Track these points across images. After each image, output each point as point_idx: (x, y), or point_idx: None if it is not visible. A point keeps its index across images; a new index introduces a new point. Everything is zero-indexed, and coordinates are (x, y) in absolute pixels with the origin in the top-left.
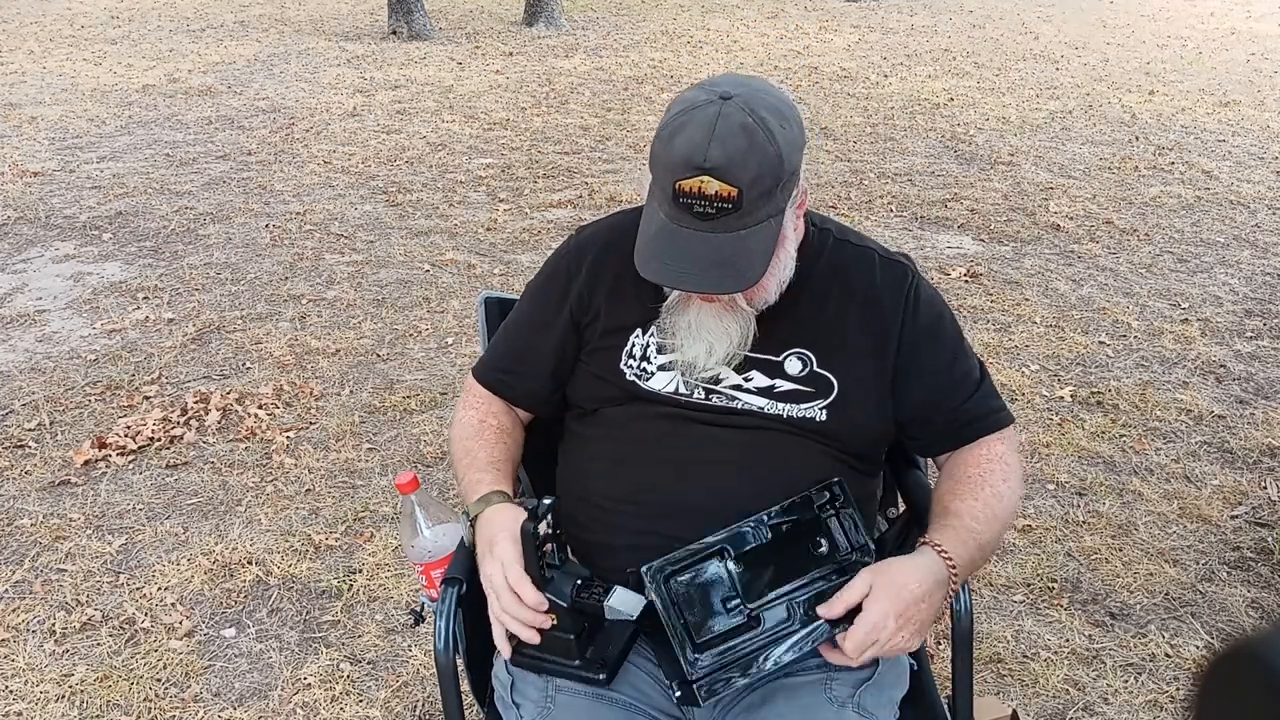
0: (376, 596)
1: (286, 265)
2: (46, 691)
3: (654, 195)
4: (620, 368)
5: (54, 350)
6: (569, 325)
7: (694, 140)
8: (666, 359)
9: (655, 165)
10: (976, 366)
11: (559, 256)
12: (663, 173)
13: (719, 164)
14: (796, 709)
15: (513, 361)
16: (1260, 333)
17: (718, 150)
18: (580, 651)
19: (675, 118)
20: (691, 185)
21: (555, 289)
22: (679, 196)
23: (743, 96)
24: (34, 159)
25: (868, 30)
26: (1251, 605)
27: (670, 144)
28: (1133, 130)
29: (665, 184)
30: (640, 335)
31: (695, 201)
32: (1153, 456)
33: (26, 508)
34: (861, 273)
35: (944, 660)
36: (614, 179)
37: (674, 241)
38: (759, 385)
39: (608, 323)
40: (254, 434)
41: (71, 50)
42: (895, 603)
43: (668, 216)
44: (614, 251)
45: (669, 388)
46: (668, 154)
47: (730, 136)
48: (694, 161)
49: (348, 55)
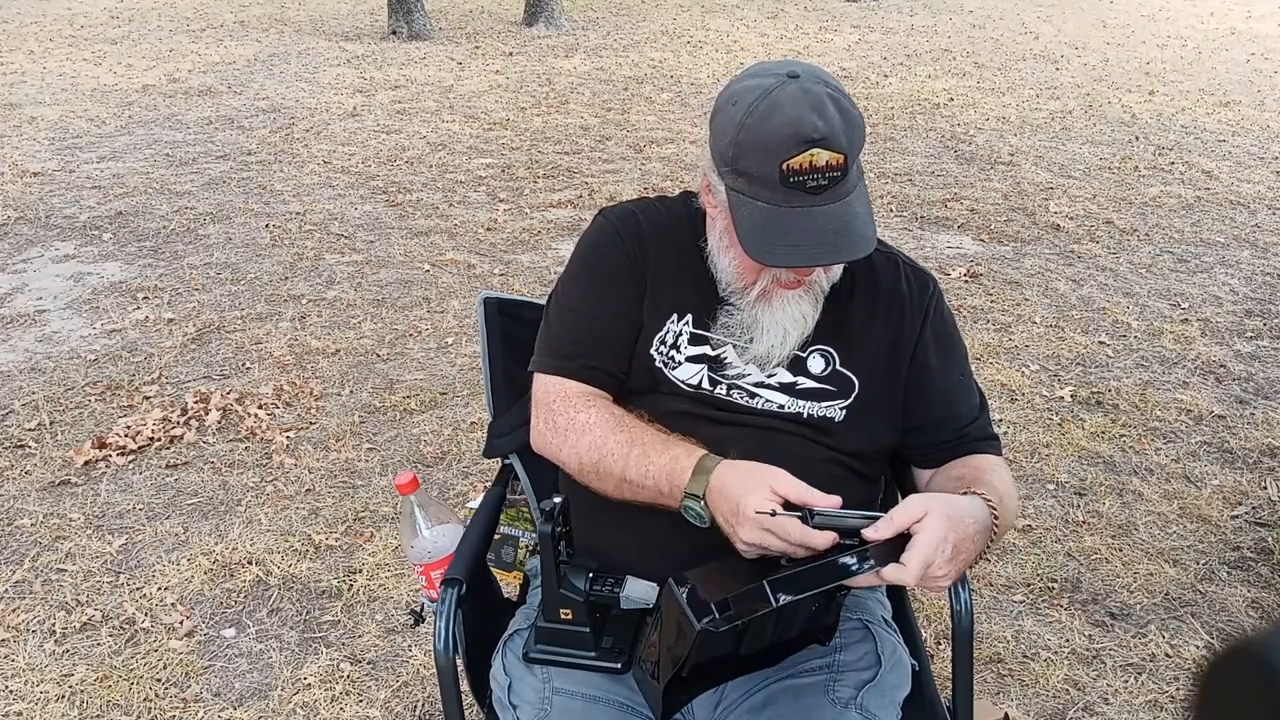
0: (376, 596)
1: (286, 265)
2: (46, 691)
3: (740, 189)
4: (651, 353)
5: (54, 350)
6: (638, 299)
7: (794, 116)
8: (700, 350)
9: (747, 155)
10: (979, 394)
11: (605, 232)
12: (761, 158)
13: (826, 134)
14: (799, 709)
15: (589, 347)
16: (1260, 333)
17: (821, 121)
18: (596, 642)
19: (755, 104)
20: (801, 161)
21: (615, 263)
22: (789, 176)
23: (807, 72)
24: (34, 159)
25: (868, 30)
26: (1251, 605)
27: (765, 128)
28: (1133, 130)
29: (767, 169)
30: (675, 321)
31: (808, 177)
32: (1153, 456)
33: (26, 508)
34: (888, 276)
35: (944, 660)
36: (614, 179)
37: (791, 222)
38: (782, 381)
39: (651, 305)
40: (254, 434)
41: (71, 50)
42: (954, 528)
43: (773, 202)
44: (652, 228)
45: (694, 379)
46: (766, 137)
47: (824, 106)
48: (804, 135)
49: (348, 55)
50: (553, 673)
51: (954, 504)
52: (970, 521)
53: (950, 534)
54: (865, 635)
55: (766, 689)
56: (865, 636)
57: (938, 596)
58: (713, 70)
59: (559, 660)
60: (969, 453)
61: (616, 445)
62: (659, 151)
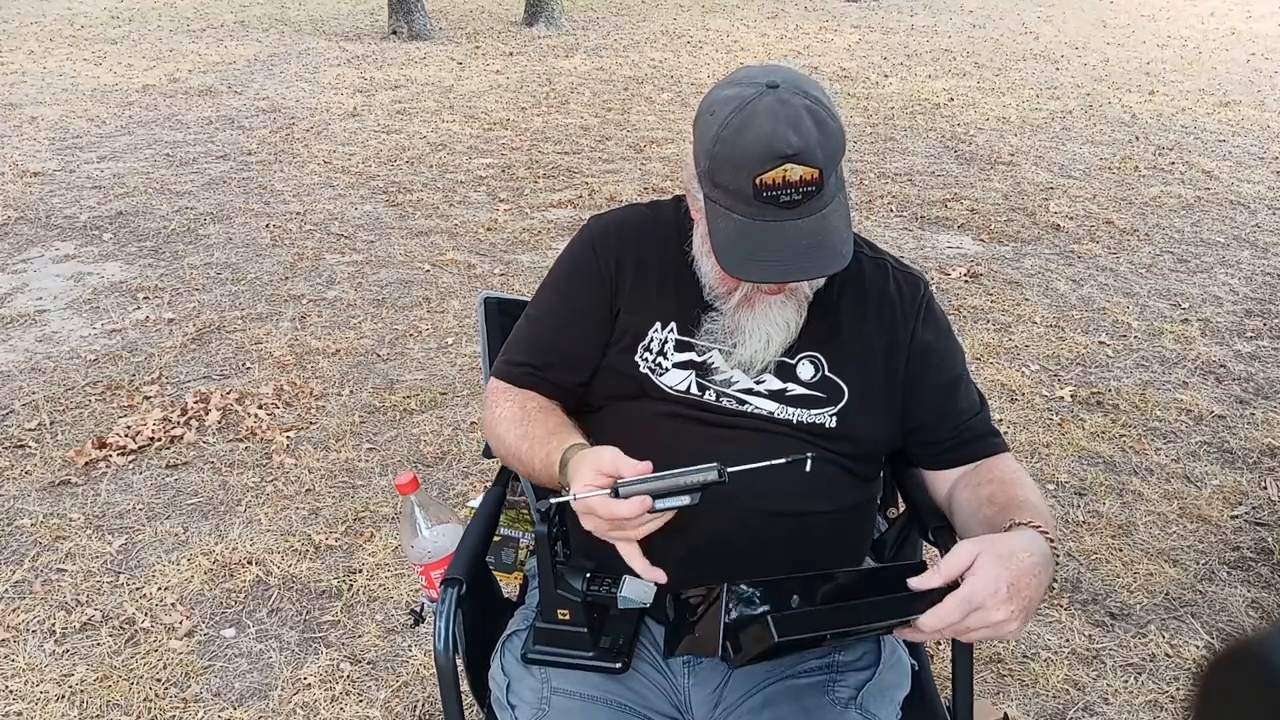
0: (376, 596)
1: (286, 265)
2: (46, 691)
3: (717, 200)
4: (635, 360)
5: (54, 350)
6: (605, 312)
7: (768, 131)
8: (687, 356)
9: (722, 168)
10: (977, 392)
11: (581, 245)
12: (735, 172)
13: (799, 149)
14: (799, 710)
15: (539, 355)
16: (1260, 333)
17: (795, 136)
18: (594, 643)
19: (731, 116)
20: (774, 176)
21: (585, 276)
22: (761, 191)
23: (788, 81)
24: (34, 159)
25: (868, 30)
26: (1251, 605)
27: (739, 142)
28: (1133, 130)
29: (741, 182)
30: (659, 329)
31: (780, 191)
32: (1153, 456)
33: (26, 508)
34: (876, 281)
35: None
36: (614, 179)
37: (763, 237)
38: (771, 389)
39: (628, 314)
40: (254, 434)
41: (71, 50)
42: (1007, 569)
43: (747, 215)
44: (634, 239)
45: (682, 385)
46: (740, 152)
47: (799, 121)
48: (776, 151)
49: (348, 55)
50: (551, 673)
51: (1004, 543)
52: (1024, 555)
53: (1004, 573)
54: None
55: (766, 689)
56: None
57: None
58: (712, 70)
59: (557, 661)
60: (977, 454)
61: (517, 439)
62: (659, 151)
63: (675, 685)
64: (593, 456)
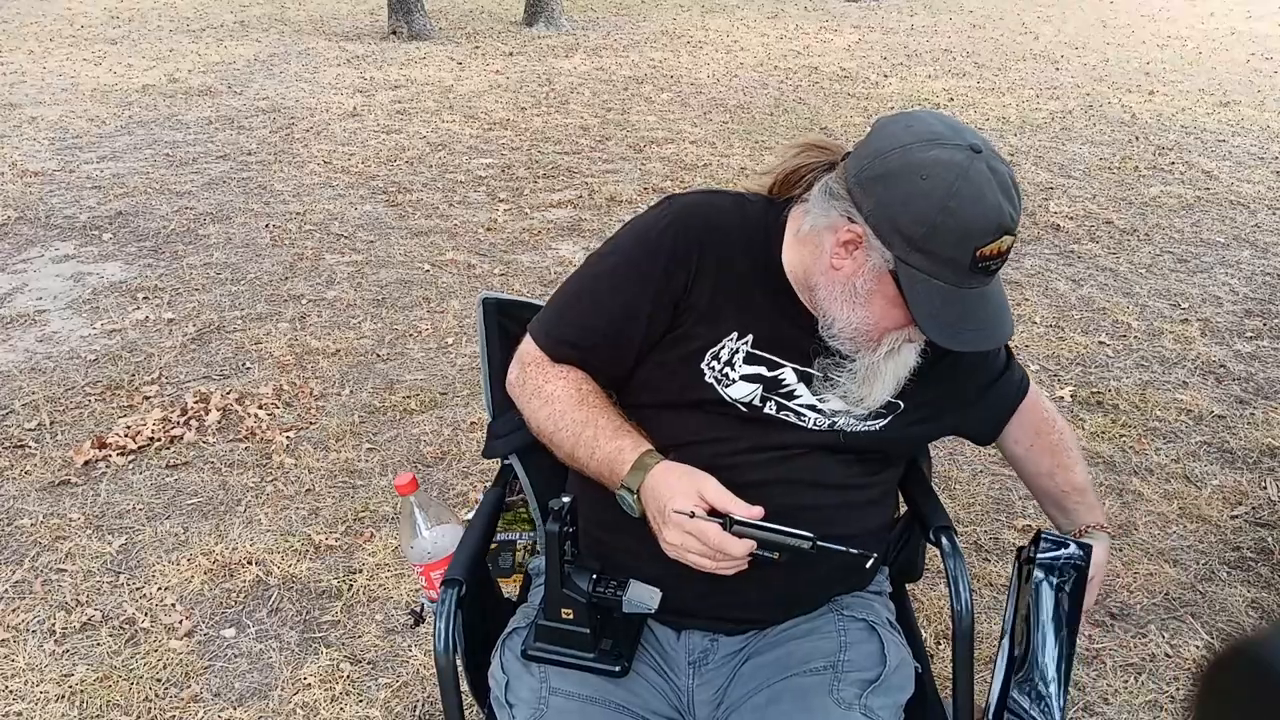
0: (376, 596)
1: (286, 265)
2: (46, 691)
3: (918, 266)
4: (700, 366)
5: (54, 350)
6: (668, 310)
7: (994, 204)
8: (756, 370)
9: (942, 237)
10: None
11: (659, 231)
12: (957, 243)
13: (1015, 221)
14: (803, 709)
15: (586, 335)
16: (1260, 333)
17: (1012, 209)
18: (595, 644)
19: (955, 184)
20: (994, 248)
21: (655, 266)
22: (979, 262)
23: (983, 145)
24: (34, 159)
25: (868, 30)
26: (1251, 605)
27: (970, 213)
28: (1133, 130)
29: (960, 253)
30: (735, 339)
31: (992, 262)
32: (1153, 456)
33: (26, 508)
34: None
35: (944, 660)
36: (614, 179)
37: (971, 305)
38: (833, 409)
39: (700, 316)
40: (254, 434)
41: (71, 50)
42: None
43: (954, 284)
44: (720, 238)
45: (747, 397)
46: (970, 224)
47: (1009, 190)
48: (1001, 225)
49: (348, 55)
50: (550, 672)
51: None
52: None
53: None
54: (870, 636)
55: (770, 688)
56: (870, 637)
57: (938, 597)
58: (713, 70)
59: (557, 659)
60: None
61: (572, 423)
62: (659, 151)
63: (677, 687)
64: (692, 478)
